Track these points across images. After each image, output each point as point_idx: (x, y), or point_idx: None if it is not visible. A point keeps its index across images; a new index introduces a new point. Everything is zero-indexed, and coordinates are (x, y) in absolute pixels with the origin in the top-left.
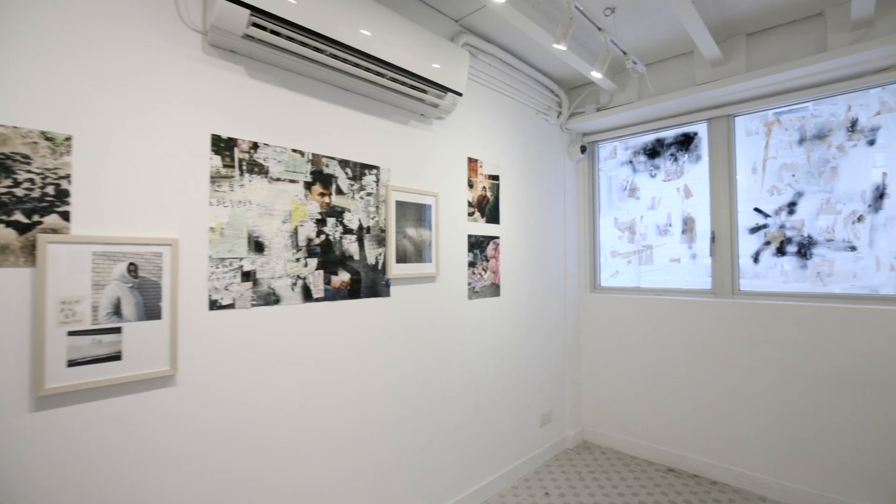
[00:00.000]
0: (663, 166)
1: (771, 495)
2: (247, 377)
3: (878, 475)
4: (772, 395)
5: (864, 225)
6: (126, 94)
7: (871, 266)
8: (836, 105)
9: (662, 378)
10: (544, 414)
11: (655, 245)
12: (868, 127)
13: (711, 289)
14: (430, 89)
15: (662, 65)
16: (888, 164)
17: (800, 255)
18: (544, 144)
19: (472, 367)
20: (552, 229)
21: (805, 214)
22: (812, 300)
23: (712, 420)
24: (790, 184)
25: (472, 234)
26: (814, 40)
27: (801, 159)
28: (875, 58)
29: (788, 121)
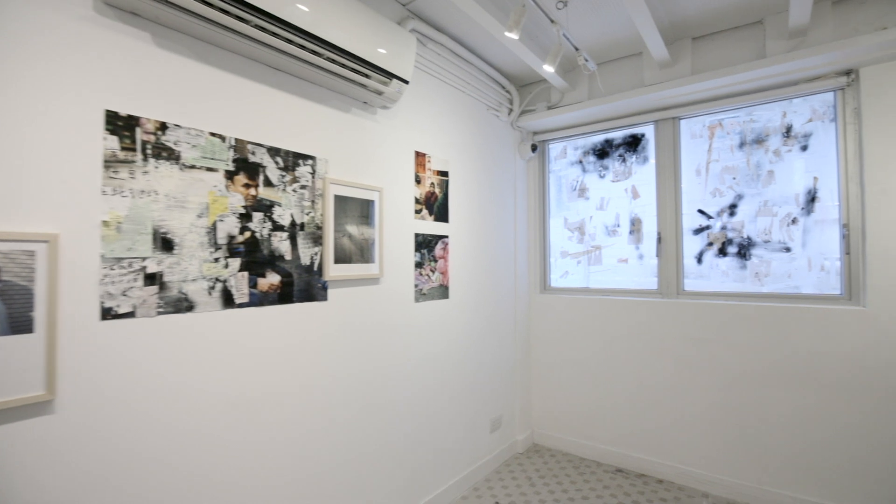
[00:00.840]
0: (612, 167)
1: (714, 491)
2: (151, 399)
3: (812, 466)
4: (715, 393)
5: (797, 227)
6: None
7: (804, 266)
8: (773, 111)
9: (610, 378)
10: (495, 419)
11: (604, 245)
12: (801, 133)
13: (658, 289)
14: (374, 74)
15: (613, 65)
16: (819, 169)
17: (740, 256)
18: (495, 142)
19: (420, 374)
20: (503, 229)
21: (745, 216)
22: (751, 300)
23: (658, 419)
24: (731, 186)
25: (420, 232)
26: (753, 47)
27: (741, 163)
28: (808, 66)
29: (730, 125)
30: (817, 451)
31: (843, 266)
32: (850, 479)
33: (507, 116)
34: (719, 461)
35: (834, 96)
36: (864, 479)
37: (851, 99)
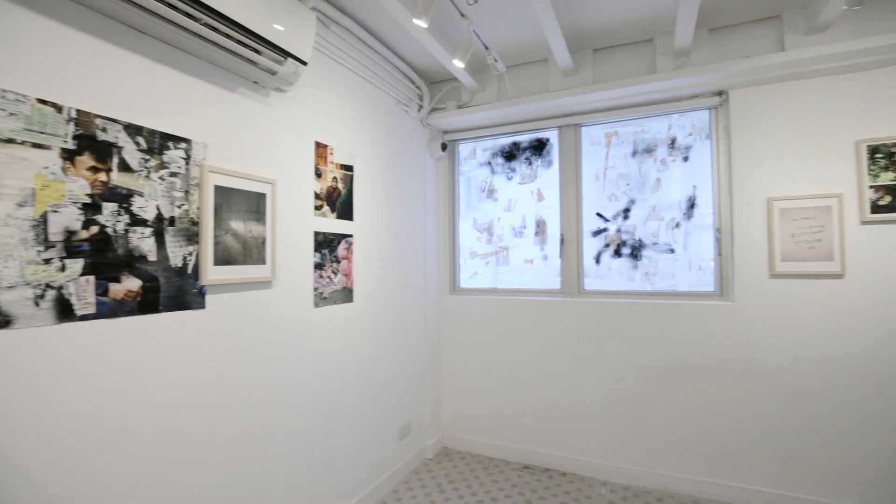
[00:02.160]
0: (519, 169)
1: (611, 479)
2: None
3: (692, 447)
4: (612, 387)
5: (680, 230)
6: None
7: (686, 266)
8: (661, 124)
9: (517, 377)
10: (404, 426)
11: (511, 246)
12: (683, 145)
13: (561, 288)
14: (266, 50)
15: (521, 69)
16: (698, 179)
17: (632, 257)
18: (404, 138)
19: (321, 384)
20: (412, 228)
21: (637, 220)
22: (641, 297)
23: (561, 414)
24: (625, 192)
25: (321, 230)
26: (645, 63)
27: (633, 170)
28: (689, 85)
29: (624, 134)
30: (696, 433)
31: (717, 266)
32: (723, 456)
33: (418, 113)
34: (615, 450)
35: (709, 114)
36: (735, 455)
37: (723, 117)
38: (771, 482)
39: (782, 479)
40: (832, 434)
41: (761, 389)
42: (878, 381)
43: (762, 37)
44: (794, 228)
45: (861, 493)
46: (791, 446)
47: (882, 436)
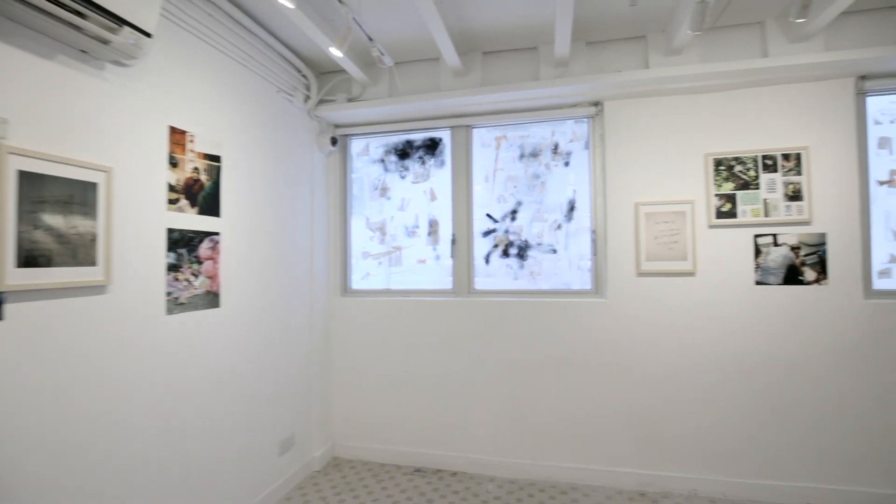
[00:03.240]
0: (412, 168)
1: (499, 474)
2: None
3: (574, 437)
4: (500, 384)
5: (561, 232)
6: None
7: (566, 266)
8: (545, 129)
9: (410, 378)
10: (285, 440)
11: (405, 246)
12: (565, 151)
13: (452, 288)
14: (93, 14)
15: (412, 66)
16: (577, 183)
17: (519, 257)
18: (288, 129)
19: (174, 405)
20: (297, 227)
21: (523, 221)
22: (527, 296)
23: (453, 414)
24: (513, 193)
25: (177, 227)
26: (530, 70)
27: (521, 173)
28: (569, 93)
29: (513, 138)
30: (574, 424)
31: (593, 265)
32: (598, 443)
33: (304, 104)
34: (503, 445)
35: (587, 123)
36: (608, 441)
37: (598, 126)
38: (640, 463)
39: (649, 459)
40: (689, 415)
41: (631, 378)
42: (722, 366)
43: (631, 54)
44: (657, 231)
45: (715, 465)
46: (656, 428)
47: (727, 412)
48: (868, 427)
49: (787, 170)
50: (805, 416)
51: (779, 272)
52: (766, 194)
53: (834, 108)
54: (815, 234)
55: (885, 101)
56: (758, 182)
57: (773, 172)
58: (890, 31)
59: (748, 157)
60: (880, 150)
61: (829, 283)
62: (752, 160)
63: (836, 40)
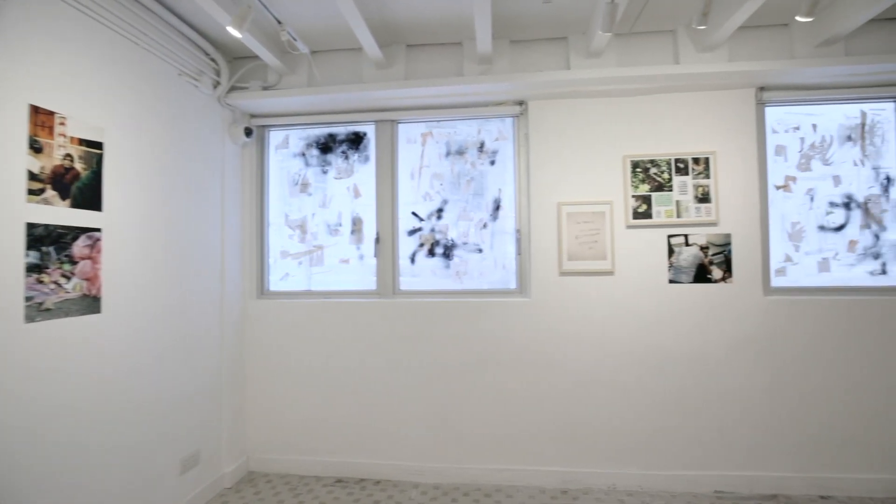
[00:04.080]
0: (335, 163)
1: (424, 480)
2: None
3: (499, 438)
4: (426, 387)
5: (487, 231)
6: None
7: (492, 265)
8: (471, 127)
9: (333, 385)
10: (188, 457)
11: (326, 245)
12: (491, 150)
13: (376, 289)
14: None
15: (332, 55)
16: (503, 182)
17: (445, 256)
18: (193, 116)
19: (36, 428)
20: (205, 224)
21: (449, 220)
22: (452, 296)
23: (377, 420)
24: (439, 191)
25: (41, 222)
26: (455, 65)
27: (447, 170)
28: (493, 91)
29: (439, 134)
30: (499, 424)
31: (517, 265)
32: (522, 442)
33: (213, 90)
34: (429, 450)
35: (512, 121)
36: (532, 440)
37: (523, 125)
38: (563, 461)
39: (571, 457)
40: (608, 410)
41: (554, 377)
42: (639, 362)
43: (554, 55)
44: (578, 231)
45: (632, 459)
46: (578, 426)
47: (642, 407)
48: (767, 414)
49: (697, 173)
50: (712, 406)
51: (689, 271)
52: (679, 196)
53: (737, 116)
54: (722, 235)
55: (782, 111)
56: (671, 184)
57: (685, 175)
58: (785, 47)
59: (662, 160)
60: (777, 157)
61: (733, 280)
62: (666, 163)
63: (738, 52)
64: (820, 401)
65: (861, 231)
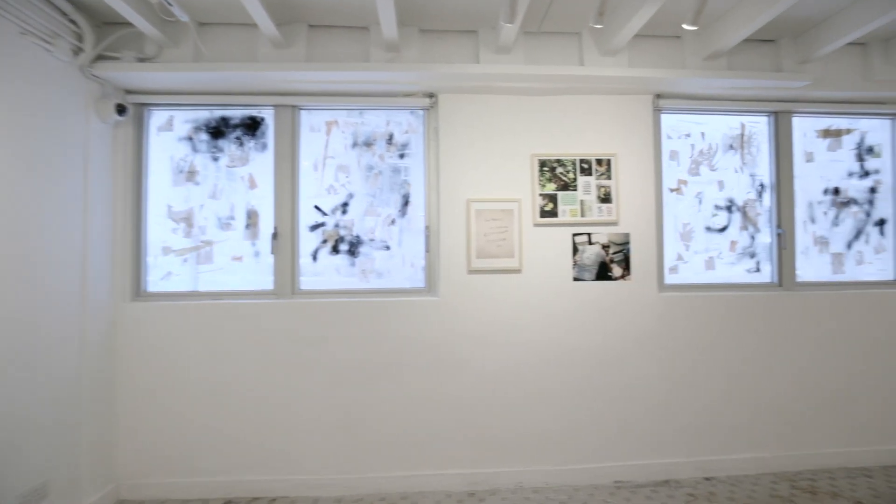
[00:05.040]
0: (228, 150)
1: (325, 494)
2: None
3: (406, 443)
4: (329, 393)
5: (395, 227)
6: None
7: (400, 263)
8: (380, 118)
9: (222, 396)
10: (30, 492)
11: (217, 241)
12: (400, 142)
13: (274, 289)
14: None
15: (223, 30)
16: (412, 177)
17: (350, 254)
18: (43, 86)
19: None
20: (57, 213)
21: (355, 215)
22: (359, 296)
23: (273, 432)
24: (345, 184)
25: None
26: (361, 51)
27: (353, 162)
28: (401, 80)
29: (345, 124)
30: (406, 429)
31: (426, 263)
32: (430, 446)
33: (74, 57)
34: (332, 461)
35: (423, 114)
36: (441, 443)
37: (433, 119)
38: (471, 463)
39: (479, 458)
40: (515, 409)
41: (463, 377)
42: (545, 359)
43: (464, 47)
44: (487, 228)
45: (538, 456)
46: (486, 426)
47: (548, 403)
48: (662, 404)
49: (600, 174)
50: (614, 399)
51: (592, 269)
52: (583, 196)
53: (636, 121)
54: (621, 234)
55: (675, 119)
56: (576, 184)
57: (589, 176)
58: (677, 57)
59: (568, 159)
60: (671, 162)
61: (632, 278)
62: (572, 163)
63: (637, 59)
64: (706, 389)
65: (740, 232)
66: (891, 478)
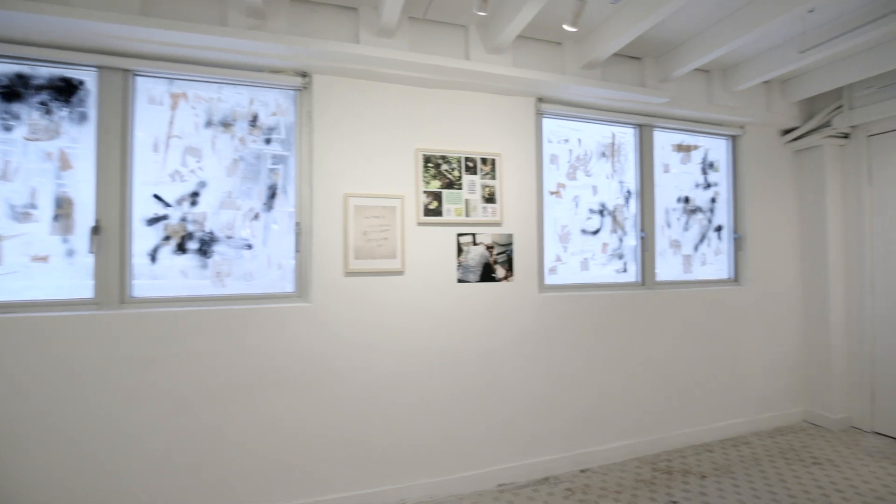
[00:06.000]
0: (28, 118)
1: None
2: None
3: (273, 469)
4: (169, 423)
5: (259, 223)
6: None
7: (265, 264)
8: (242, 95)
9: (14, 438)
10: None
11: (7, 235)
12: (267, 125)
13: (94, 297)
14: None
15: None
16: (281, 166)
17: (201, 253)
18: None
19: None
20: None
21: (209, 207)
22: (213, 303)
23: (89, 477)
24: (194, 170)
25: None
26: (218, 12)
27: (207, 145)
28: (268, 53)
29: (197, 98)
30: (273, 453)
31: (297, 264)
32: (304, 470)
33: None
34: (173, 500)
35: (294, 96)
36: (317, 465)
37: (307, 102)
38: (350, 484)
39: (360, 477)
40: (400, 421)
41: (341, 390)
42: (430, 365)
43: (343, 25)
44: (367, 226)
45: (422, 469)
46: (367, 442)
47: (433, 412)
48: (543, 402)
49: (485, 173)
50: (498, 402)
51: (477, 270)
52: (468, 195)
53: (520, 122)
54: (505, 235)
55: (555, 124)
56: (461, 182)
57: (474, 174)
58: (558, 63)
59: (454, 156)
60: (551, 165)
61: (514, 279)
62: (457, 160)
63: (522, 60)
64: (581, 385)
65: (611, 235)
66: (726, 450)
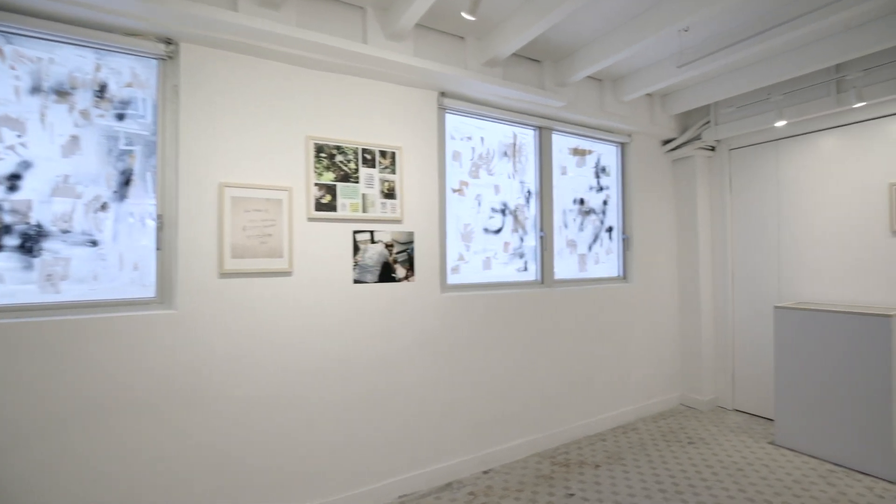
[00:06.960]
0: None
1: None
2: None
3: None
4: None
5: (109, 214)
6: None
7: (116, 264)
8: (85, 58)
9: None
10: None
11: None
12: (119, 98)
13: None
14: None
15: None
16: (139, 146)
17: (25, 251)
18: None
19: None
20: None
21: (35, 194)
22: (42, 313)
23: None
24: (15, 147)
25: None
26: None
27: (34, 116)
28: (118, 9)
29: (18, 55)
30: (124, 494)
31: (157, 263)
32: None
33: None
34: None
35: (157, 65)
36: (184, 498)
37: (172, 74)
38: None
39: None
40: (287, 438)
41: (215, 409)
42: (326, 372)
43: None
44: (246, 221)
45: (319, 487)
46: (250, 465)
47: (329, 421)
48: (446, 405)
49: (384, 167)
50: (399, 408)
51: (375, 269)
52: (365, 189)
53: (422, 116)
54: (406, 233)
55: (458, 120)
56: (357, 175)
57: (372, 168)
58: (461, 57)
59: (349, 147)
60: (454, 162)
61: (415, 278)
62: (353, 152)
63: (423, 51)
64: (484, 385)
65: (512, 234)
66: (617, 437)
